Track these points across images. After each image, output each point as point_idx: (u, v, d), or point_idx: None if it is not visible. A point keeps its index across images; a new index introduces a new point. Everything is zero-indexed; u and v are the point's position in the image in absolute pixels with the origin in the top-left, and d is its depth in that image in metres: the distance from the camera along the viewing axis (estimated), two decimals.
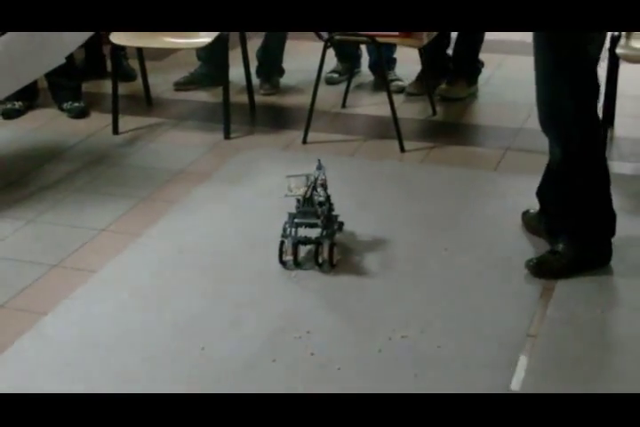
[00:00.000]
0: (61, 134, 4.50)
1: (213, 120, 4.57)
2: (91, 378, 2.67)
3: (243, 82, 4.77)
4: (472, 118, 4.69)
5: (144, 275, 3.24)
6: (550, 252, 3.18)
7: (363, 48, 5.05)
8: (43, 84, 4.76)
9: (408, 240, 3.41)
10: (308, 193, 3.22)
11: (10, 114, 4.70)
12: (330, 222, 3.29)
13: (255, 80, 4.92)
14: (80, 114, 4.71)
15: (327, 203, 3.30)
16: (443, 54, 4.87)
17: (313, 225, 3.24)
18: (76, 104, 4.73)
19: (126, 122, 4.57)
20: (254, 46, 4.97)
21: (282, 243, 3.23)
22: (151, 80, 4.92)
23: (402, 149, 4.23)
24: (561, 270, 3.13)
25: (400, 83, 4.95)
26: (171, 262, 3.32)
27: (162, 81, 5.11)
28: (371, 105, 4.81)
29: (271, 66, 5.04)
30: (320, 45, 4.31)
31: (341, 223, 3.42)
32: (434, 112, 4.66)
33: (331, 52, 4.76)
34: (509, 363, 2.72)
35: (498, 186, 3.86)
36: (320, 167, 3.32)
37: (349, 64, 4.99)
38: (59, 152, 4.30)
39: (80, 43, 4.16)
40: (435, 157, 4.17)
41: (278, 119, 4.74)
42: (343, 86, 4.85)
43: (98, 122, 4.63)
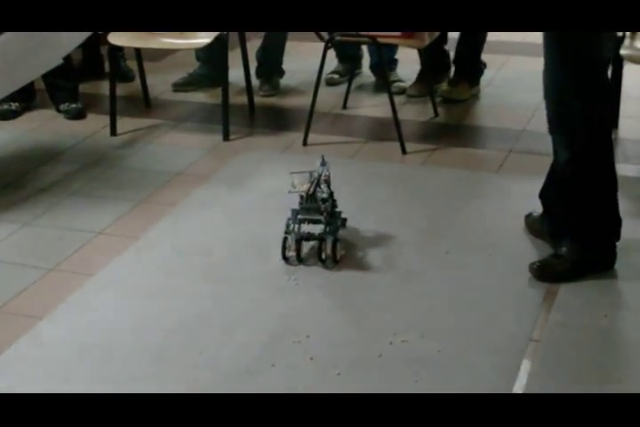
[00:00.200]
0: (58, 136, 4.48)
1: (212, 121, 4.55)
2: (87, 382, 2.65)
3: (242, 83, 4.75)
4: (474, 120, 4.66)
5: (141, 278, 3.22)
6: (554, 255, 3.16)
7: (364, 49, 5.03)
8: (40, 85, 4.74)
9: (409, 243, 3.40)
10: (312, 189, 3.23)
11: (6, 115, 4.68)
12: (333, 219, 3.30)
13: (255, 81, 4.90)
14: (77, 115, 4.68)
15: (330, 199, 3.31)
16: (441, 51, 4.84)
17: (316, 221, 3.26)
18: (74, 105, 4.71)
19: (124, 123, 4.54)
20: (254, 47, 4.96)
21: (285, 239, 3.24)
22: (149, 81, 4.90)
23: (403, 151, 4.20)
24: (564, 274, 3.11)
25: (401, 84, 4.92)
26: (169, 265, 3.30)
27: (160, 82, 5.09)
28: (372, 106, 4.79)
29: (271, 67, 5.02)
30: (320, 46, 4.29)
31: (344, 219, 3.43)
32: (435, 114, 4.64)
33: (331, 53, 4.74)
34: (512, 368, 2.70)
35: (500, 188, 3.84)
36: (324, 164, 3.32)
37: (350, 65, 4.98)
38: (56, 154, 4.27)
39: (78, 43, 4.13)
40: (436, 160, 4.14)
41: (278, 121, 4.72)
42: (344, 87, 4.83)
43: (95, 123, 4.60)
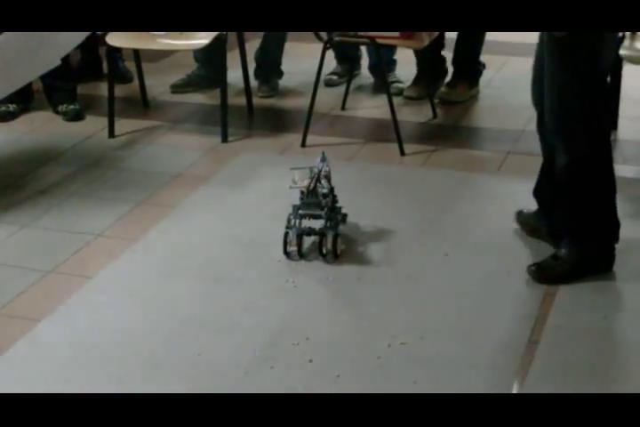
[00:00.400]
0: (56, 137, 4.47)
1: (211, 123, 4.54)
2: (86, 384, 2.65)
3: (241, 84, 4.74)
4: (473, 121, 4.66)
5: (140, 280, 3.22)
6: (552, 257, 3.15)
7: (363, 50, 5.02)
8: (38, 86, 4.73)
9: (408, 244, 3.39)
10: (312, 185, 3.26)
11: (4, 117, 4.66)
12: (333, 214, 3.33)
13: (253, 82, 4.89)
14: (75, 116, 4.67)
15: (331, 195, 3.34)
16: (439, 56, 4.83)
17: (317, 216, 3.29)
18: (72, 107, 4.69)
19: (122, 125, 4.53)
20: (253, 48, 4.94)
21: (286, 234, 3.27)
22: (148, 82, 4.89)
23: (402, 153, 4.19)
24: (563, 276, 3.11)
25: (400, 85, 4.91)
26: (168, 267, 3.29)
27: (159, 83, 5.08)
28: (370, 107, 4.78)
29: (270, 68, 5.01)
30: (319, 47, 4.28)
31: (345, 215, 3.45)
32: (434, 115, 4.63)
33: (330, 54, 4.73)
34: (510, 370, 2.70)
35: (499, 189, 3.83)
36: (324, 159, 3.35)
37: (349, 66, 4.96)
38: (54, 155, 4.26)
39: (76, 44, 4.12)
40: (435, 161, 4.13)
41: (277, 122, 4.71)
42: (343, 88, 4.82)
43: (93, 125, 4.59)
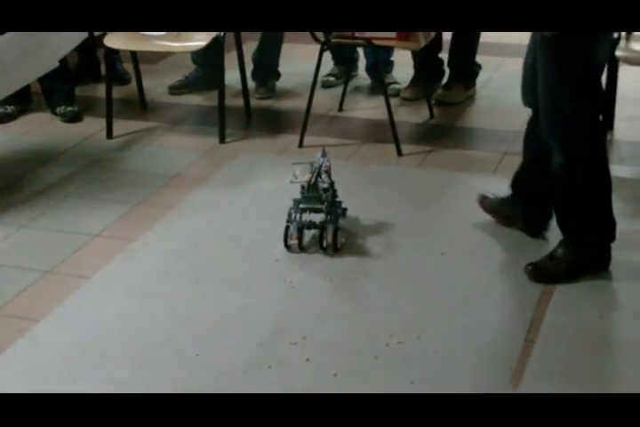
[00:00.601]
0: (55, 139, 4.47)
1: (208, 124, 4.55)
2: (83, 384, 2.65)
3: (238, 85, 4.75)
4: (470, 122, 4.66)
5: (138, 281, 3.22)
6: (549, 257, 3.16)
7: (360, 51, 5.03)
8: (36, 88, 4.74)
9: (405, 244, 3.40)
10: (313, 179, 3.30)
11: (2, 118, 4.66)
12: (334, 208, 3.37)
13: (251, 83, 4.89)
14: (74, 118, 4.68)
15: (331, 189, 3.38)
16: (436, 59, 4.84)
17: (317, 210, 3.33)
18: (70, 108, 4.70)
19: (120, 126, 4.53)
20: (250, 50, 4.95)
21: (287, 228, 3.32)
22: (146, 84, 4.90)
23: (399, 153, 4.20)
24: (559, 275, 3.11)
25: (397, 86, 4.92)
26: (165, 268, 3.30)
27: (156, 85, 5.09)
28: (368, 108, 4.79)
29: (267, 69, 5.01)
30: (316, 49, 4.29)
31: (345, 209, 3.49)
32: (431, 115, 4.64)
33: (327, 56, 4.74)
34: (507, 369, 2.70)
35: (496, 190, 3.81)
36: (324, 155, 3.39)
37: (346, 67, 4.97)
38: (52, 157, 4.27)
39: (73, 46, 4.14)
40: (432, 161, 4.14)
41: (274, 123, 4.72)
42: (340, 90, 4.83)
43: (92, 126, 4.60)
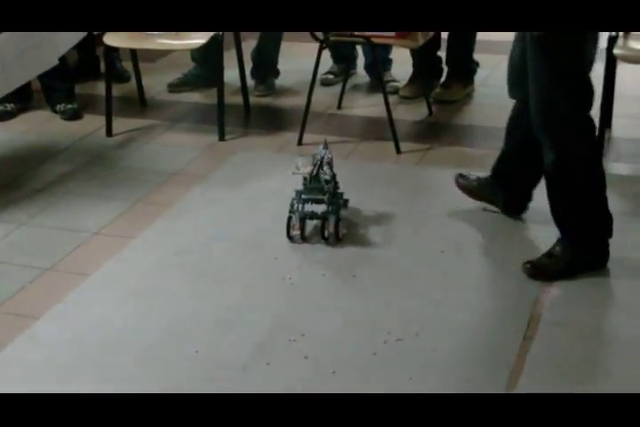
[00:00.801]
0: (54, 136, 4.48)
1: (208, 122, 4.55)
2: (83, 382, 2.65)
3: (237, 83, 4.75)
4: (468, 119, 4.66)
5: (137, 278, 3.22)
6: (547, 255, 3.17)
7: (358, 49, 5.03)
8: (37, 86, 4.74)
9: (404, 242, 3.40)
10: (315, 171, 3.36)
11: (2, 116, 4.66)
12: (335, 199, 3.43)
13: (250, 81, 4.89)
14: (73, 116, 4.68)
15: (333, 181, 3.44)
16: (434, 57, 4.84)
17: (319, 201, 3.39)
18: (70, 106, 4.70)
19: (120, 124, 4.54)
20: (249, 47, 4.95)
21: (289, 218, 3.37)
22: (145, 82, 4.90)
23: (398, 151, 4.20)
24: (557, 273, 3.12)
25: (396, 84, 4.92)
26: (165, 265, 3.30)
27: (156, 82, 5.09)
28: (366, 106, 4.79)
29: (266, 67, 5.01)
30: (315, 46, 4.29)
31: (346, 200, 3.54)
32: (430, 113, 4.64)
33: (326, 54, 4.74)
34: (505, 366, 2.70)
35: None
36: (326, 147, 3.46)
37: (345, 65, 4.97)
38: (52, 154, 4.27)
39: (73, 44, 4.13)
40: (431, 159, 4.15)
41: (273, 121, 4.72)
42: (339, 87, 4.83)
43: (91, 124, 4.60)
